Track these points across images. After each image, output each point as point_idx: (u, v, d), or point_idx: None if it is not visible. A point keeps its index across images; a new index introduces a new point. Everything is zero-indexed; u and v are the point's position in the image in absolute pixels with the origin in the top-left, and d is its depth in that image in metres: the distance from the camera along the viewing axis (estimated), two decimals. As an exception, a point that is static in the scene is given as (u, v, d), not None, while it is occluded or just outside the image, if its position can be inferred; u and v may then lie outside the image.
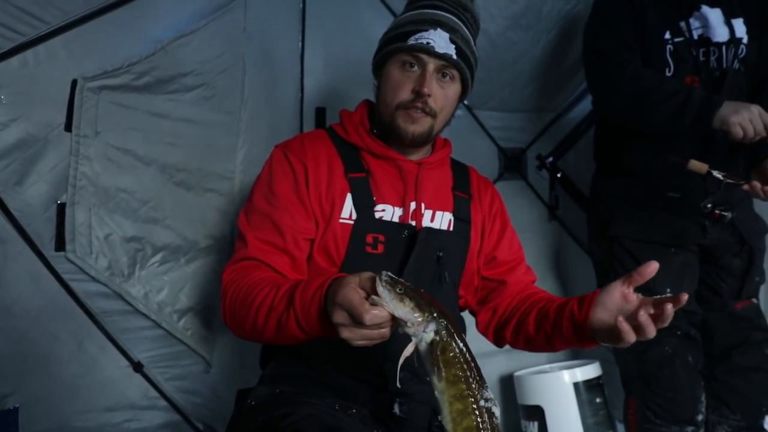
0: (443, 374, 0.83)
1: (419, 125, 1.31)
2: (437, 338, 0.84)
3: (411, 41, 1.29)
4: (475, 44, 1.41)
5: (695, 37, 1.82)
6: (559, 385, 2.18)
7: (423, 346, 0.86)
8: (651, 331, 1.02)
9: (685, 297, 1.02)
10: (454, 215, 1.39)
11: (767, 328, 1.97)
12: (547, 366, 2.42)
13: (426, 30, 1.29)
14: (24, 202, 1.48)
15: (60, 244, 1.53)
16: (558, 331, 1.21)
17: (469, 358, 0.85)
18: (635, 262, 1.88)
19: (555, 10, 2.25)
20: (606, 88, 1.87)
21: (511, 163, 2.53)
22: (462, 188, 1.45)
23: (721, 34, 1.82)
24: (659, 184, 1.88)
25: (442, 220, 1.37)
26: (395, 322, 0.86)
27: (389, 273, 0.86)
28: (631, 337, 1.03)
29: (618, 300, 1.08)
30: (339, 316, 0.89)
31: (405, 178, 1.35)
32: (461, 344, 0.85)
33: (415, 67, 1.30)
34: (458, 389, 0.83)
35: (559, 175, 2.47)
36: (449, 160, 1.49)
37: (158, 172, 1.69)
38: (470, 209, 1.43)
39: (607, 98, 1.90)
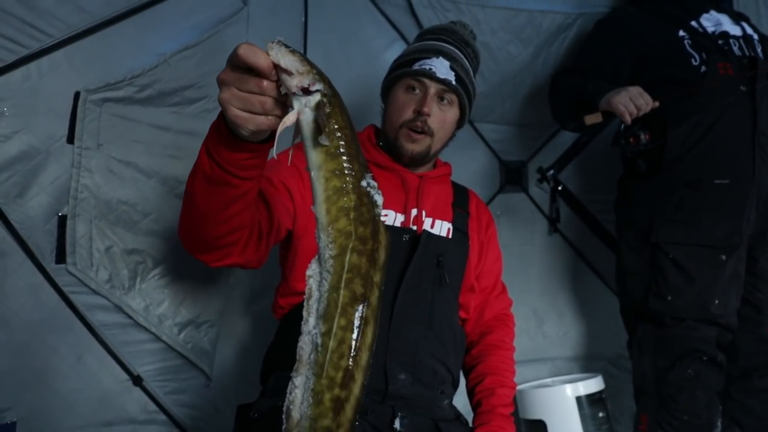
0: (325, 144, 0.72)
1: (418, 144, 1.43)
2: (324, 100, 0.74)
3: (415, 67, 1.43)
4: (474, 77, 1.53)
5: (710, 32, 1.87)
6: (561, 399, 2.15)
7: (306, 113, 0.74)
8: None
9: None
10: (453, 225, 1.47)
11: None
12: (549, 380, 2.40)
13: (429, 58, 1.44)
14: (25, 215, 1.48)
15: (61, 257, 1.53)
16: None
17: (353, 140, 0.74)
18: (681, 273, 1.79)
19: (555, 24, 2.27)
20: (550, 96, 2.10)
21: (512, 176, 2.53)
22: (461, 206, 1.54)
23: (735, 29, 1.89)
24: (704, 172, 1.79)
25: (442, 228, 1.45)
26: (280, 77, 0.76)
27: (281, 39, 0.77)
28: None
29: None
30: (223, 72, 0.83)
31: (407, 188, 1.44)
32: (348, 119, 0.75)
33: (417, 91, 1.43)
34: (338, 164, 0.72)
35: (560, 188, 2.46)
36: (449, 179, 1.59)
37: (160, 185, 1.70)
38: (468, 225, 1.51)
39: (550, 106, 2.10)
